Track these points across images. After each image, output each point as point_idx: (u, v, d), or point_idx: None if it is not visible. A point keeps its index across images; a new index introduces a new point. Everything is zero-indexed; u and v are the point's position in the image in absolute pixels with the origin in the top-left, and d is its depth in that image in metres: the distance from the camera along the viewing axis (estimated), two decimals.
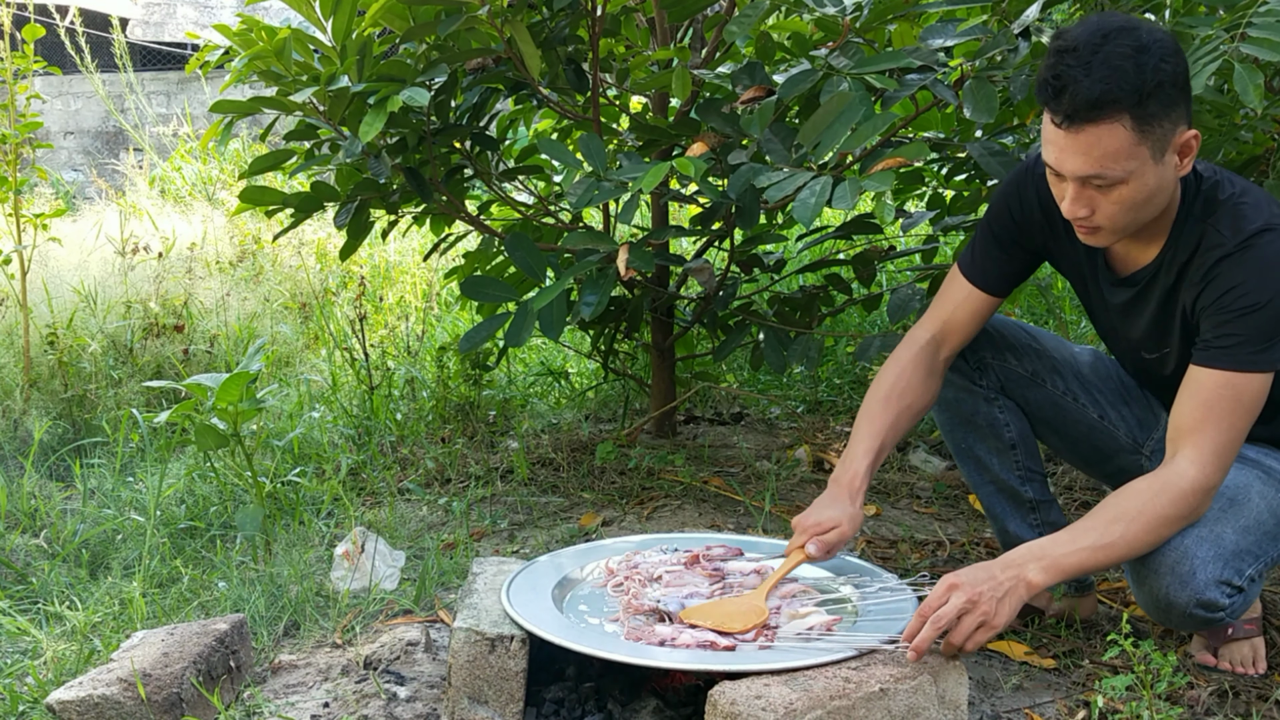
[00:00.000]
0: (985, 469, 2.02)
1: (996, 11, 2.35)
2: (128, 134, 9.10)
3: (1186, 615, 1.68)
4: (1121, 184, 1.59)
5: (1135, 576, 1.71)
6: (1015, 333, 1.97)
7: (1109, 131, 1.55)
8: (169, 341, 3.92)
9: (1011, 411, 1.99)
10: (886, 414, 1.87)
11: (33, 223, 3.45)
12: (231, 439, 2.44)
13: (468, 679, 1.67)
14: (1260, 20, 1.79)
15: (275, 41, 2.39)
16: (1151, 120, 1.55)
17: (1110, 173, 1.58)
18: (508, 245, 2.56)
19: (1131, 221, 1.66)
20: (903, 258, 3.27)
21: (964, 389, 1.98)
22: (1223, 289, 1.65)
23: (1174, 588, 1.65)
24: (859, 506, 1.82)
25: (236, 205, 2.85)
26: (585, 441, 3.17)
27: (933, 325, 1.93)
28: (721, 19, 2.76)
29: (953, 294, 1.94)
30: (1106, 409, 1.98)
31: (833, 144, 2.08)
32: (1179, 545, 1.65)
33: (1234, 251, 1.64)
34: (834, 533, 1.80)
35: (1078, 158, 1.58)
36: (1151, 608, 1.71)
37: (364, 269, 5.18)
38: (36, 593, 2.29)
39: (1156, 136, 1.57)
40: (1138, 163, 1.57)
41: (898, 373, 1.90)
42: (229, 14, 11.32)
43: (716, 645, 1.63)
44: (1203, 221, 1.69)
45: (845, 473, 1.84)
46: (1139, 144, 1.56)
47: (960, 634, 1.55)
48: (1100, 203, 1.62)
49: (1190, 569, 1.64)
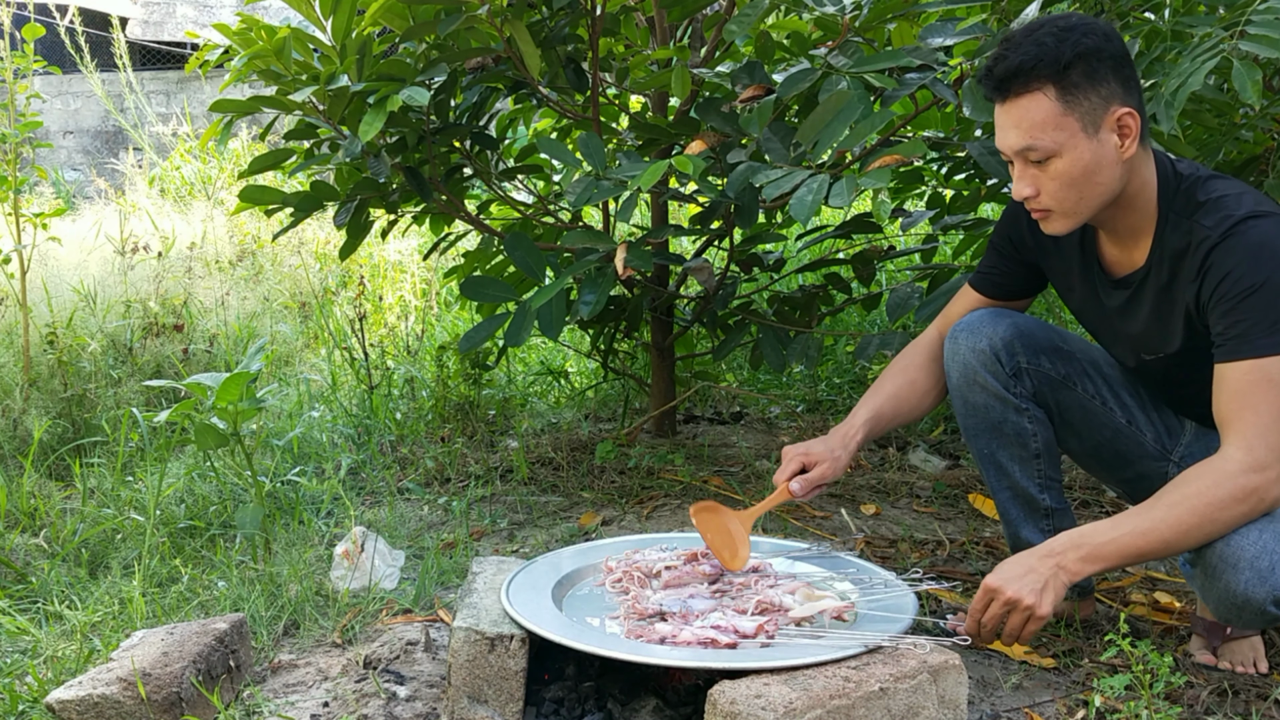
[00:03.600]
0: (1006, 474, 2.00)
1: (996, 10, 2.35)
2: (127, 133, 9.10)
3: (1261, 612, 1.66)
4: (1055, 157, 1.67)
5: (1209, 572, 1.68)
6: (1047, 334, 1.96)
7: (1033, 101, 1.65)
8: (169, 341, 3.92)
9: (1040, 422, 1.96)
10: (888, 385, 2.03)
11: (32, 222, 3.45)
12: (231, 438, 2.44)
13: (467, 678, 1.67)
14: (1259, 18, 1.79)
15: (275, 41, 2.39)
16: (1075, 90, 1.64)
17: (1040, 143, 1.66)
18: (507, 244, 2.56)
19: (1078, 201, 1.71)
20: (902, 257, 3.26)
21: (996, 396, 1.94)
22: (1218, 278, 1.67)
23: (1253, 584, 1.63)
24: (848, 453, 1.94)
25: (236, 204, 2.85)
26: (585, 441, 3.17)
27: (940, 324, 2.08)
28: (721, 18, 2.76)
29: (960, 302, 2.07)
30: (1135, 412, 1.95)
31: (831, 142, 2.08)
32: (1258, 541, 1.63)
33: (1219, 241, 1.67)
34: (816, 470, 1.92)
35: (1010, 132, 1.69)
36: (1226, 604, 1.68)
37: (364, 268, 5.18)
38: (36, 592, 2.29)
39: (1085, 109, 1.65)
40: (1066, 134, 1.66)
41: (902, 357, 2.07)
42: (228, 13, 11.32)
43: (717, 643, 1.63)
44: (1187, 219, 1.72)
45: (843, 425, 1.99)
46: (1065, 114, 1.65)
47: (1010, 634, 1.65)
48: (1043, 181, 1.70)
49: (1270, 564, 1.63)
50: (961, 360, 1.95)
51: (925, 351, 2.05)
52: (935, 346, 2.05)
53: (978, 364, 1.93)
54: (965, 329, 1.96)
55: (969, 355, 1.94)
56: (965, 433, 2.02)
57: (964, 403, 1.98)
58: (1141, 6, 2.14)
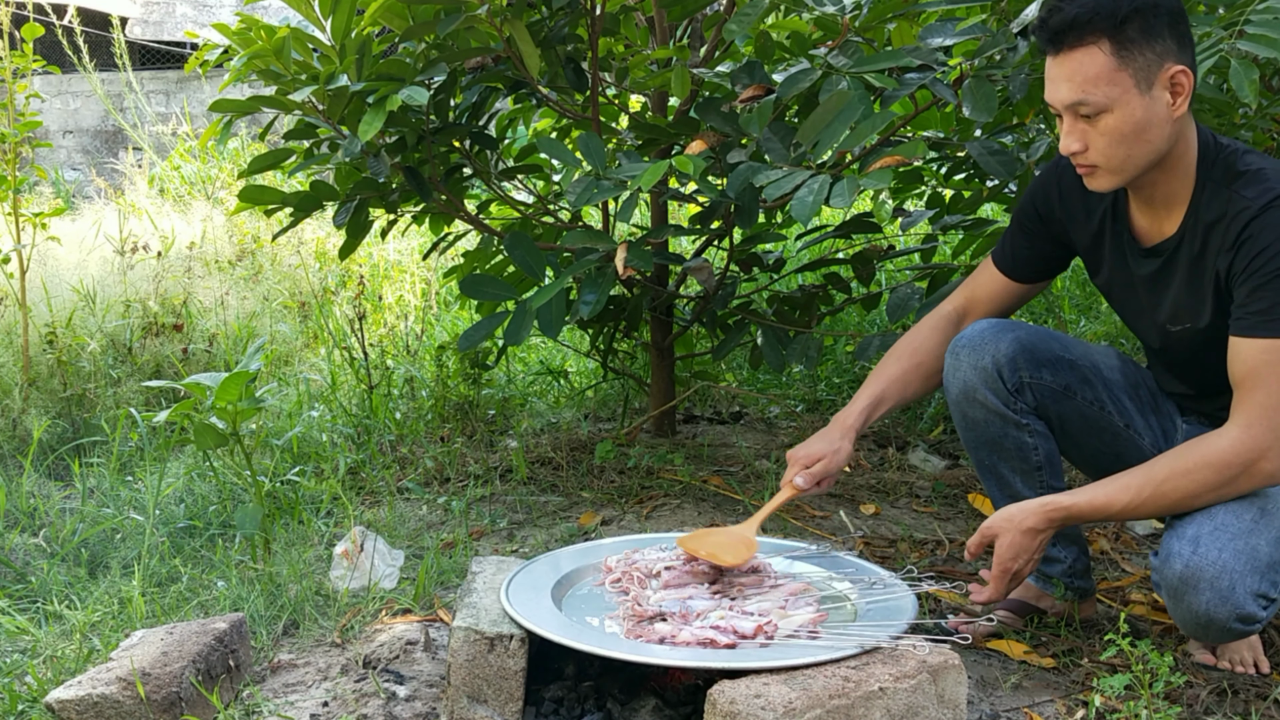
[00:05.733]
0: (1007, 485, 1.99)
1: (995, 10, 2.35)
2: (127, 133, 9.10)
3: (1226, 629, 1.67)
4: (1106, 112, 1.65)
5: (1172, 594, 1.69)
6: (1048, 344, 1.93)
7: (1088, 55, 1.63)
8: (168, 341, 3.92)
9: (1041, 435, 1.94)
10: (894, 368, 2.02)
11: (32, 222, 3.45)
12: (230, 438, 2.44)
13: (467, 678, 1.67)
14: (1258, 17, 1.79)
15: (274, 40, 2.39)
16: (1130, 46, 1.62)
17: (1092, 97, 1.64)
18: (507, 244, 2.56)
19: (1126, 159, 1.69)
20: (902, 257, 3.26)
21: (996, 413, 1.92)
22: (1254, 252, 1.66)
23: (1214, 604, 1.65)
24: (849, 442, 1.95)
25: (235, 204, 2.85)
26: (584, 440, 3.17)
27: (958, 299, 2.08)
28: (720, 18, 2.76)
29: (981, 276, 2.06)
30: (1134, 416, 1.95)
31: (831, 142, 2.08)
32: (1217, 560, 1.65)
33: (1259, 213, 1.66)
34: (820, 464, 1.93)
35: (1062, 85, 1.67)
36: (1191, 624, 1.70)
37: (363, 268, 5.18)
38: (36, 592, 2.29)
39: (1139, 65, 1.63)
40: (1120, 90, 1.63)
41: (914, 334, 2.05)
42: (228, 13, 11.32)
43: (716, 644, 1.63)
44: (1226, 187, 1.71)
45: (843, 413, 1.98)
46: (1119, 69, 1.62)
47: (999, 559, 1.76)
48: (1091, 136, 1.68)
49: (1230, 584, 1.64)
50: (962, 377, 1.93)
51: (939, 333, 2.02)
52: (949, 327, 2.02)
53: (979, 381, 1.91)
54: (967, 345, 1.93)
55: (970, 373, 1.92)
56: (965, 444, 2.01)
57: (963, 417, 1.96)
58: None
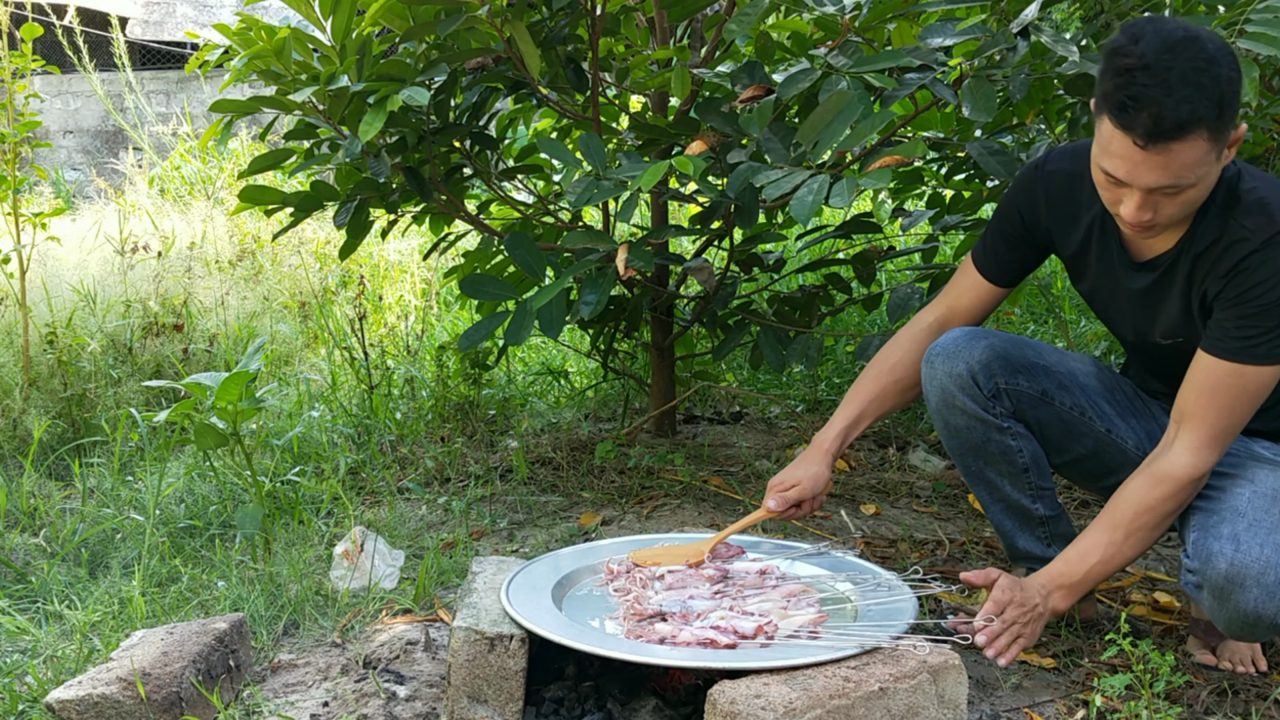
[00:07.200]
0: (996, 489, 2.00)
1: (995, 10, 2.35)
2: (127, 133, 9.10)
3: (1273, 625, 1.67)
4: (1191, 188, 1.63)
5: (1217, 595, 1.69)
6: (1022, 351, 1.94)
7: (1189, 146, 1.58)
8: (168, 341, 3.92)
9: (1023, 437, 1.95)
10: (872, 386, 2.02)
11: (32, 222, 3.45)
12: (231, 438, 2.44)
13: (467, 678, 1.67)
14: (1258, 16, 1.79)
15: (275, 41, 2.39)
16: (1225, 128, 1.60)
17: (1184, 181, 1.61)
18: (508, 244, 2.56)
19: (1187, 215, 1.71)
20: (902, 257, 3.26)
21: (976, 418, 1.93)
22: (1247, 284, 1.67)
23: (1262, 600, 1.65)
24: (826, 467, 1.98)
25: (236, 204, 2.85)
26: (585, 440, 3.17)
27: (938, 308, 2.05)
28: (721, 18, 2.76)
29: (962, 282, 2.04)
30: (1115, 420, 1.95)
31: (831, 142, 2.08)
32: (1260, 556, 1.65)
33: (1260, 248, 1.66)
34: (794, 490, 1.96)
35: (1155, 172, 1.61)
36: (1238, 623, 1.69)
37: (364, 268, 5.18)
38: (36, 592, 2.29)
39: (1223, 139, 1.61)
40: (1208, 167, 1.62)
41: (893, 349, 2.05)
42: (228, 13, 11.32)
43: (716, 644, 1.63)
44: (1226, 212, 1.71)
45: (821, 435, 2.01)
46: (1211, 150, 1.60)
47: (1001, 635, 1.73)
48: (1164, 205, 1.65)
49: (1276, 579, 1.64)
50: (939, 385, 1.94)
51: (918, 346, 2.01)
52: (928, 339, 2.01)
53: (955, 388, 1.92)
54: (941, 354, 1.94)
55: (946, 380, 1.93)
56: (950, 452, 2.02)
57: (945, 425, 1.98)
58: (1141, 6, 2.14)
